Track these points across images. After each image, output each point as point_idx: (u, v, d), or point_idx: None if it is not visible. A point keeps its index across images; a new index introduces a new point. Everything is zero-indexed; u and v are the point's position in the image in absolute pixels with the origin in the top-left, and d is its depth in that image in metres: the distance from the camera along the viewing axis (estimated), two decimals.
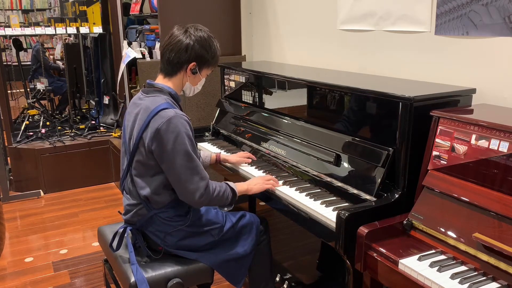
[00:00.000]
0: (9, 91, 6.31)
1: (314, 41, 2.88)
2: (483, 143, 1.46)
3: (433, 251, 1.46)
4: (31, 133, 4.50)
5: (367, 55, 2.45)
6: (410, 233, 1.57)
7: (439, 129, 1.60)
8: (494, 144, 1.43)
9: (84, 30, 4.45)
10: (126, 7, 4.41)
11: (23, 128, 4.47)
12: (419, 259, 1.42)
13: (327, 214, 1.70)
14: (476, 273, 1.34)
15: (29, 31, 4.37)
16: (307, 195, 1.88)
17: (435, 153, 1.60)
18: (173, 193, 1.84)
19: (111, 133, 4.61)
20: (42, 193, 4.23)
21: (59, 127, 4.62)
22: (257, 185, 1.99)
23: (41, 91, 4.90)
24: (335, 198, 1.84)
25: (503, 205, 1.36)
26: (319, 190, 1.92)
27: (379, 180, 1.70)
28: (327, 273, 2.34)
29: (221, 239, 1.92)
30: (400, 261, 1.42)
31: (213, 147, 2.64)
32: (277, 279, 2.47)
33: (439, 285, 1.29)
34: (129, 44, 4.06)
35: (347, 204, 1.77)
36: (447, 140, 1.57)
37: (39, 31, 4.37)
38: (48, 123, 4.68)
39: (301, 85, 2.22)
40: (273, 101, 2.50)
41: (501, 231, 1.33)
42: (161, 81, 1.90)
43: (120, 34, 4.30)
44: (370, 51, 2.44)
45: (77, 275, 2.87)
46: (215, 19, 3.55)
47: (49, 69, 6.00)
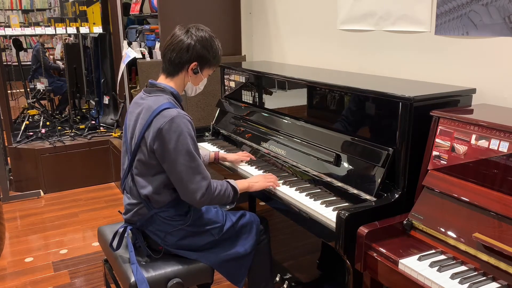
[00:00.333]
0: (9, 91, 6.31)
1: (314, 41, 2.88)
2: (483, 143, 1.46)
3: (433, 251, 1.46)
4: (31, 133, 4.50)
5: (367, 55, 2.45)
6: (410, 233, 1.57)
7: (439, 129, 1.60)
8: (494, 144, 1.43)
9: (84, 30, 4.45)
10: (126, 7, 4.42)
11: (23, 128, 4.47)
12: (419, 259, 1.42)
13: (327, 214, 1.70)
14: (476, 273, 1.34)
15: (29, 31, 4.37)
16: (307, 195, 1.88)
17: (435, 153, 1.60)
18: (173, 192, 1.84)
19: (111, 133, 4.61)
20: (42, 193, 4.23)
21: (59, 127, 4.62)
22: (258, 182, 1.99)
23: (41, 91, 4.91)
24: (335, 198, 1.84)
25: (503, 205, 1.36)
26: (319, 190, 1.92)
27: (379, 180, 1.70)
28: (327, 273, 2.34)
29: (221, 239, 1.92)
30: (400, 261, 1.42)
31: (213, 147, 2.64)
32: (277, 279, 2.48)
33: (439, 285, 1.29)
34: (129, 44, 4.06)
35: (347, 204, 1.77)
36: (447, 140, 1.57)
37: (39, 31, 4.37)
38: (48, 123, 4.68)
39: (301, 85, 2.22)
40: (273, 101, 2.50)
41: (501, 231, 1.33)
42: (163, 81, 1.90)
43: (120, 34, 4.30)
44: (370, 51, 2.44)
45: (77, 275, 2.87)
46: (215, 19, 3.55)
47: (49, 69, 6.01)
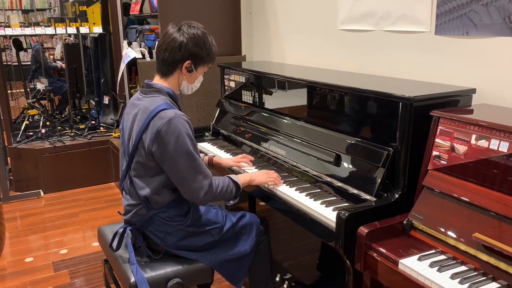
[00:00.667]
0: (9, 91, 6.30)
1: (314, 41, 2.88)
2: (483, 143, 1.46)
3: (433, 251, 1.46)
4: (31, 133, 4.50)
5: (367, 55, 2.45)
6: (410, 233, 1.57)
7: (439, 129, 1.60)
8: (494, 144, 1.43)
9: (84, 30, 4.45)
10: (126, 7, 4.42)
11: (23, 128, 4.46)
12: (419, 259, 1.42)
13: (327, 214, 1.70)
14: (476, 273, 1.34)
15: (29, 31, 4.37)
16: (307, 195, 1.88)
17: (435, 153, 1.60)
18: (173, 192, 1.84)
19: (111, 133, 4.61)
20: (42, 193, 4.23)
21: (59, 127, 4.62)
22: (259, 177, 2.00)
23: (41, 91, 4.90)
24: (335, 198, 1.84)
25: (503, 205, 1.36)
26: (319, 190, 1.92)
27: (379, 180, 1.70)
28: (327, 273, 2.34)
29: (221, 239, 1.92)
30: (400, 261, 1.42)
31: (213, 147, 2.63)
32: (277, 279, 2.47)
33: (439, 285, 1.29)
34: (129, 44, 4.06)
35: (347, 204, 1.77)
36: (447, 140, 1.57)
37: (39, 31, 4.37)
38: (48, 123, 4.68)
39: (301, 85, 2.22)
40: (273, 101, 2.50)
41: (501, 231, 1.33)
42: (158, 81, 1.88)
43: (120, 34, 4.30)
44: (370, 51, 2.44)
45: (77, 275, 2.87)
46: (215, 19, 3.55)
47: (48, 69, 6.00)
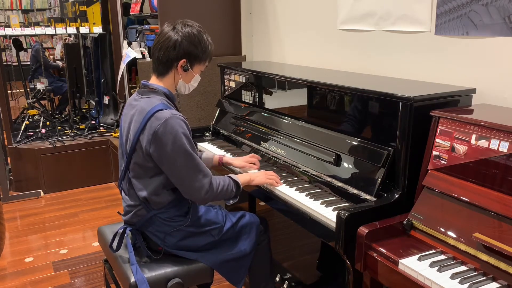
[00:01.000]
0: (9, 91, 6.31)
1: (314, 41, 2.88)
2: (483, 143, 1.46)
3: (433, 251, 1.46)
4: (31, 133, 4.50)
5: (367, 55, 2.45)
6: (410, 233, 1.57)
7: (439, 129, 1.60)
8: (494, 144, 1.43)
9: (84, 30, 4.45)
10: (126, 7, 4.42)
11: (23, 128, 4.46)
12: (419, 259, 1.42)
13: (327, 214, 1.70)
14: (476, 273, 1.34)
15: (29, 31, 4.37)
16: (307, 195, 1.88)
17: (435, 153, 1.60)
18: (172, 193, 1.84)
19: (111, 133, 4.61)
20: (42, 193, 4.23)
21: (59, 127, 4.62)
22: (259, 177, 2.00)
23: (41, 91, 4.90)
24: (335, 198, 1.84)
25: (503, 205, 1.36)
26: (319, 190, 1.92)
27: (379, 180, 1.70)
28: (327, 273, 2.34)
29: (221, 239, 1.92)
30: (400, 261, 1.42)
31: (213, 147, 2.63)
32: (277, 279, 2.48)
33: (439, 285, 1.29)
34: (129, 44, 4.06)
35: (347, 204, 1.77)
36: (447, 140, 1.57)
37: (39, 31, 4.37)
38: (48, 123, 4.68)
39: (301, 85, 2.22)
40: (273, 101, 2.50)
41: (501, 231, 1.33)
42: (154, 81, 1.87)
43: (120, 34, 4.30)
44: (370, 51, 2.43)
45: (77, 275, 2.87)
46: (215, 19, 3.55)
47: (50, 68, 6.00)
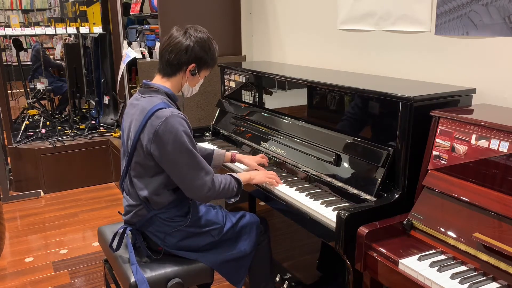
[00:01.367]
0: (9, 91, 6.30)
1: (314, 41, 2.88)
2: (483, 143, 1.46)
3: (433, 251, 1.46)
4: (31, 133, 4.50)
5: (367, 55, 2.45)
6: (410, 233, 1.57)
7: (439, 129, 1.60)
8: (494, 144, 1.43)
9: (84, 30, 4.45)
10: (126, 7, 4.41)
11: (23, 128, 4.47)
12: (419, 259, 1.42)
13: (327, 214, 1.70)
14: (476, 273, 1.34)
15: (29, 31, 4.37)
16: (307, 195, 1.88)
17: (435, 153, 1.60)
18: (173, 193, 1.84)
19: (111, 133, 4.61)
20: (42, 193, 4.23)
21: (59, 127, 4.62)
22: (259, 175, 2.02)
23: (41, 91, 4.91)
24: (335, 198, 1.84)
25: (503, 205, 1.36)
26: (319, 190, 1.92)
27: (379, 180, 1.70)
28: (327, 273, 2.34)
29: (221, 240, 1.92)
30: (400, 261, 1.42)
31: (213, 147, 2.63)
32: (277, 279, 2.48)
33: (439, 285, 1.29)
34: (129, 44, 4.06)
35: (347, 204, 1.77)
36: (447, 140, 1.57)
37: (39, 31, 4.37)
38: (48, 123, 4.68)
39: (301, 85, 2.22)
40: (273, 101, 2.50)
41: (501, 231, 1.33)
42: (158, 81, 1.88)
43: (120, 34, 4.29)
44: (370, 51, 2.43)
45: (77, 275, 2.87)
46: (215, 19, 3.55)
47: (51, 66, 6.00)
